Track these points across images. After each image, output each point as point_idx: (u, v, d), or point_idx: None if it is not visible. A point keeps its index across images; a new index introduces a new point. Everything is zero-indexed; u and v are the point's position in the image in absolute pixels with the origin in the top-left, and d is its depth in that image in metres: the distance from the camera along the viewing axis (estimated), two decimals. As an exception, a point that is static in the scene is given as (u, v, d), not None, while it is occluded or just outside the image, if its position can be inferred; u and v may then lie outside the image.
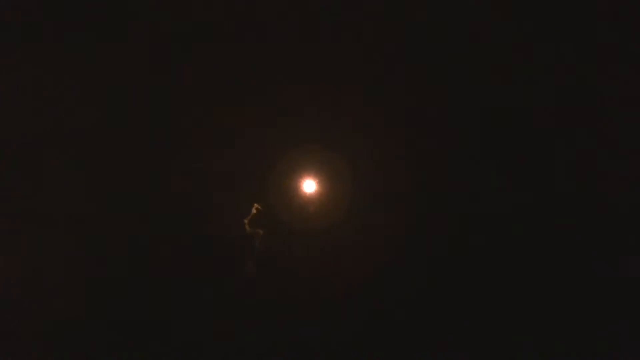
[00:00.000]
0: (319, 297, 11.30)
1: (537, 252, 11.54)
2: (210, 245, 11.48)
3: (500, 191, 11.84)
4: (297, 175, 11.75)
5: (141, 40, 12.03)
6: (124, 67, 11.98)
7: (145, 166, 11.74)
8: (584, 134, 11.86)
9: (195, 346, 10.86)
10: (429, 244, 11.58)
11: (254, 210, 11.50)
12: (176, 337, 10.90)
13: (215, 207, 11.63)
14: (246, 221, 11.54)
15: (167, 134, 11.88)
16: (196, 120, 11.96)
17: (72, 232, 11.38)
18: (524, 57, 12.14)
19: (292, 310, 11.13)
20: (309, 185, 11.70)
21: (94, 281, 11.23)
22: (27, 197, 11.47)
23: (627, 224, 11.50)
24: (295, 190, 11.69)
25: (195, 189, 11.73)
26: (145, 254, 11.34)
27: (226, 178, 11.79)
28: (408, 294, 11.32)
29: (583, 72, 11.99)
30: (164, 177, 11.74)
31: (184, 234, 11.50)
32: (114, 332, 10.90)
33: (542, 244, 11.57)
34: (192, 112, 11.97)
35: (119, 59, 11.98)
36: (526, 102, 12.09)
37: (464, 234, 11.64)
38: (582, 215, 11.63)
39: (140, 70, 12.00)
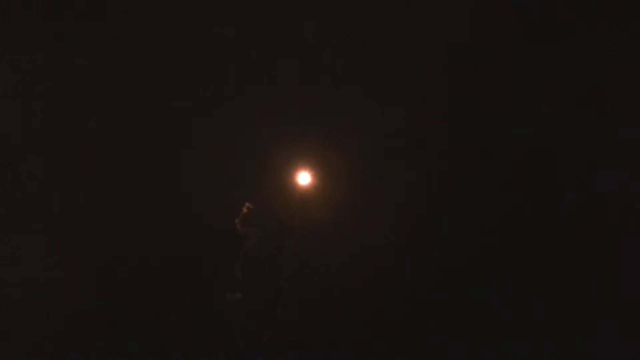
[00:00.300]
0: (314, 296, 11.29)
1: (537, 254, 11.53)
2: (199, 247, 11.45)
3: (503, 191, 11.82)
4: (292, 169, 11.70)
5: (138, 39, 12.05)
6: (118, 65, 11.99)
7: (133, 164, 11.73)
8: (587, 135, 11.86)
9: (185, 347, 10.87)
10: (428, 243, 11.57)
11: (244, 210, 11.37)
12: (166, 338, 10.91)
13: (206, 205, 11.59)
14: (237, 221, 11.43)
15: (157, 129, 11.86)
16: (187, 117, 11.95)
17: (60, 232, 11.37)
18: (525, 58, 12.15)
19: (286, 309, 11.14)
20: (304, 179, 11.61)
21: (87, 281, 11.23)
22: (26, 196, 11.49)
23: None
24: (289, 185, 11.63)
25: (186, 186, 11.71)
26: (131, 255, 11.35)
27: (217, 175, 11.76)
28: (406, 294, 11.31)
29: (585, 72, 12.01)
30: (153, 175, 11.71)
31: (173, 235, 11.47)
32: (103, 333, 10.91)
33: (543, 246, 11.56)
34: (184, 110, 11.97)
35: (114, 58, 12.00)
36: (528, 102, 12.09)
37: (464, 233, 11.63)
38: (583, 217, 11.64)
39: (136, 68, 12.01)
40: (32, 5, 11.90)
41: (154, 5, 12.13)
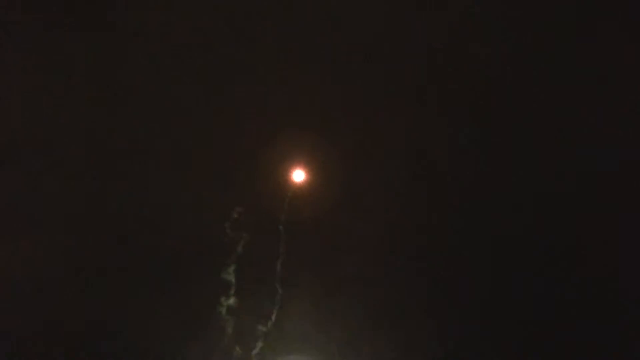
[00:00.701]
0: (309, 296, 11.32)
1: (536, 253, 11.56)
2: (188, 250, 11.44)
3: (500, 192, 11.83)
4: (285, 169, 11.69)
5: (136, 40, 12.07)
6: (116, 65, 12.01)
7: (122, 163, 11.74)
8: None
9: (180, 352, 10.92)
10: (422, 237, 11.58)
11: (235, 215, 11.35)
12: (162, 342, 10.95)
13: (197, 210, 11.59)
14: (227, 225, 11.39)
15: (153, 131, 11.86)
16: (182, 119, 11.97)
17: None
18: (524, 60, 12.18)
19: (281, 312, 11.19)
20: (298, 177, 11.61)
21: (85, 281, 11.27)
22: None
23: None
24: (281, 188, 11.61)
25: (177, 189, 11.71)
26: (119, 258, 11.37)
27: (209, 176, 11.76)
28: (404, 289, 11.34)
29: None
30: (150, 178, 11.71)
31: (166, 240, 11.46)
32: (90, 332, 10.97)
33: (543, 246, 11.59)
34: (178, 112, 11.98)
35: (113, 58, 12.03)
36: (523, 99, 12.10)
37: (460, 227, 11.63)
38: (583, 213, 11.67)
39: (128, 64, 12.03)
40: (33, 5, 11.94)
41: (153, 6, 12.15)
